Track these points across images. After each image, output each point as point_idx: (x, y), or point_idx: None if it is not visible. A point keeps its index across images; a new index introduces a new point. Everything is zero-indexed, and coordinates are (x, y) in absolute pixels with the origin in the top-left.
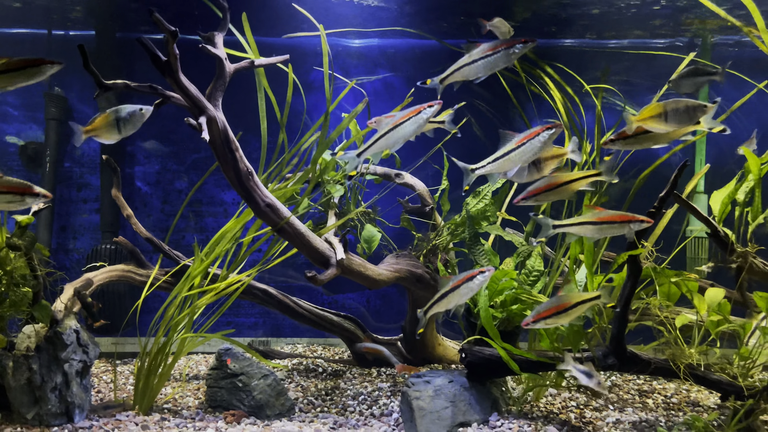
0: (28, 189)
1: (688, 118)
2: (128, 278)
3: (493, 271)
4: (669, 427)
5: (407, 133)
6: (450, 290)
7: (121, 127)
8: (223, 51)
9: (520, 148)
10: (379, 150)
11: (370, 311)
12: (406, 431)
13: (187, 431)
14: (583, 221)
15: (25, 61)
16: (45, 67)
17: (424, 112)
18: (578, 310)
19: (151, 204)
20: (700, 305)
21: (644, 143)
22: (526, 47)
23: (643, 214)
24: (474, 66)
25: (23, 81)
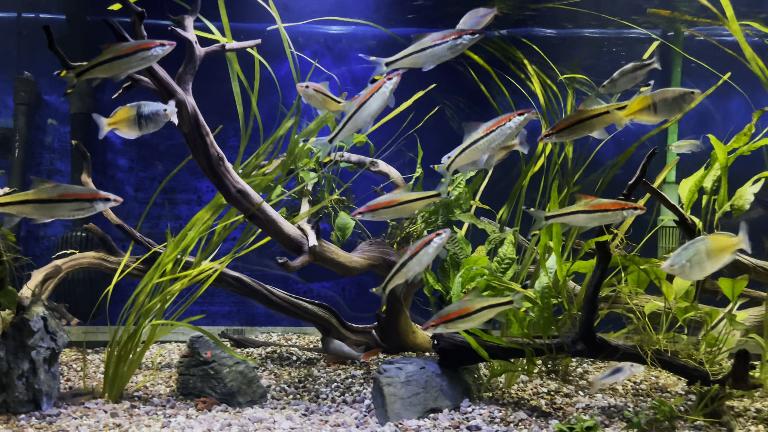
0: (96, 195)
1: (677, 107)
2: (99, 265)
3: (449, 233)
4: (636, 412)
5: (374, 111)
6: (409, 258)
7: (143, 124)
8: (194, 35)
9: (488, 136)
10: (349, 132)
11: (345, 300)
12: (377, 417)
13: (157, 418)
14: (576, 210)
15: (138, 45)
16: (156, 49)
17: (386, 86)
18: (484, 314)
19: (124, 191)
20: (668, 292)
21: (578, 133)
22: (474, 39)
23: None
24: (422, 54)
25: (136, 66)
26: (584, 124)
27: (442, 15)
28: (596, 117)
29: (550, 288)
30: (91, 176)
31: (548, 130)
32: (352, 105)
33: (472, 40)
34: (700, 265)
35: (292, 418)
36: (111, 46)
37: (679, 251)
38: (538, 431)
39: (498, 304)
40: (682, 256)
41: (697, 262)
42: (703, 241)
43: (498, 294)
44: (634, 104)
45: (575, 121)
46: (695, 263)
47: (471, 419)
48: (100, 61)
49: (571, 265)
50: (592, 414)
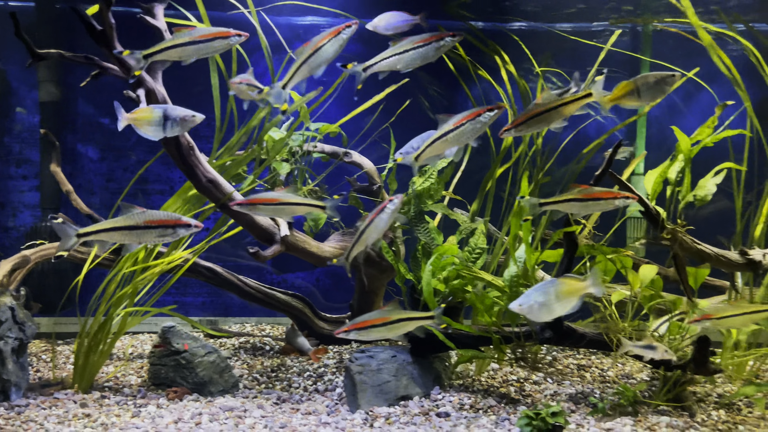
0: (178, 221)
1: (660, 91)
2: (68, 256)
3: (402, 198)
4: (601, 398)
5: (329, 56)
6: (366, 226)
7: (168, 126)
8: (164, 23)
9: (457, 129)
10: (303, 77)
11: (319, 290)
12: (348, 405)
13: (128, 408)
14: (570, 198)
15: (218, 32)
16: (233, 38)
17: (343, 33)
18: (400, 326)
19: (96, 181)
20: (634, 281)
21: (538, 125)
22: (454, 40)
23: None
24: (401, 57)
25: (208, 53)
26: (542, 117)
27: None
28: (553, 110)
29: (519, 277)
30: (60, 165)
31: (508, 125)
32: (306, 49)
33: (452, 41)
34: (548, 308)
35: (263, 406)
36: (183, 29)
37: (530, 292)
38: (506, 417)
39: (417, 318)
40: (531, 297)
41: (545, 304)
42: (553, 284)
43: (468, 283)
44: (618, 90)
45: (533, 115)
46: (543, 305)
47: (441, 406)
48: (174, 44)
49: (540, 255)
50: (560, 400)
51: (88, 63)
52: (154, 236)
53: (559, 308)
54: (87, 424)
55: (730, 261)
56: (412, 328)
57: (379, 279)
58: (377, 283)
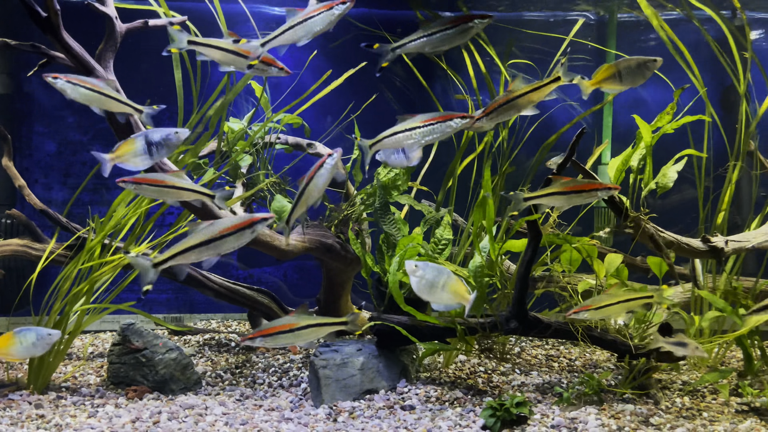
0: (252, 220)
1: (641, 75)
2: (23, 253)
3: (341, 152)
4: (567, 387)
5: (316, 28)
6: (306, 184)
7: (154, 152)
8: (113, 9)
9: (425, 128)
10: (285, 42)
11: (287, 284)
12: (312, 400)
13: (84, 408)
14: (553, 192)
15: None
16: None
17: (336, 8)
18: (310, 332)
19: (53, 176)
20: (600, 270)
21: (508, 112)
22: (483, 23)
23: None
24: (429, 39)
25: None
26: (512, 104)
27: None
28: (522, 96)
29: (483, 267)
30: (12, 160)
31: (478, 113)
32: (296, 16)
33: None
34: (431, 288)
35: (225, 403)
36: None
37: (433, 265)
38: (471, 409)
39: (327, 324)
40: (428, 269)
41: (432, 283)
42: (448, 275)
43: None
44: (599, 73)
45: (503, 102)
46: (430, 283)
47: (407, 399)
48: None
49: (503, 244)
50: (527, 391)
51: (34, 51)
52: (234, 243)
53: (438, 296)
54: (40, 425)
55: (693, 248)
56: (323, 334)
57: (344, 272)
58: (343, 276)
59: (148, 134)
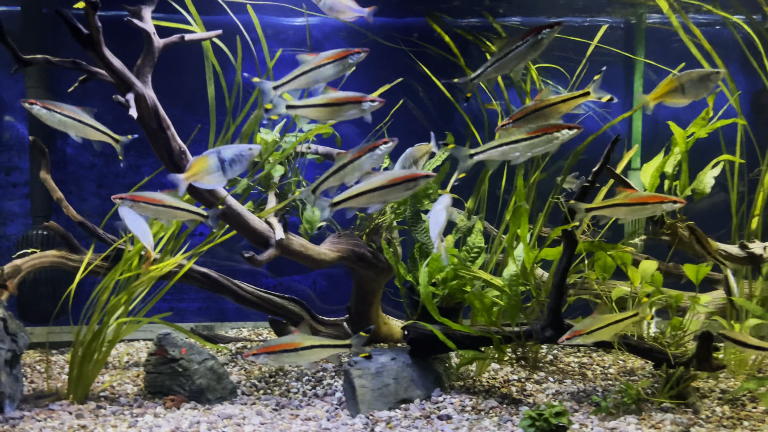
0: (416, 175)
1: (704, 87)
2: (60, 264)
3: (396, 141)
4: (604, 395)
5: (328, 75)
6: (349, 161)
7: (227, 169)
8: (151, 25)
9: (531, 140)
10: (297, 87)
11: (316, 293)
12: (348, 409)
13: (124, 418)
14: (616, 203)
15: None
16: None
17: (350, 58)
18: (313, 353)
19: (86, 188)
20: (634, 277)
21: (536, 121)
22: (553, 31)
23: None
24: (504, 61)
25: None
26: (539, 114)
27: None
28: (550, 106)
29: (518, 276)
30: (50, 173)
31: (506, 119)
32: (310, 60)
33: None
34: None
35: (262, 413)
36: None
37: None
38: (508, 418)
39: (331, 345)
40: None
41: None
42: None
43: (467, 283)
44: (661, 87)
45: (531, 111)
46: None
47: (442, 408)
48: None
49: (539, 253)
50: (562, 399)
51: (75, 68)
52: (398, 193)
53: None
54: None
55: (730, 255)
56: (326, 355)
57: (375, 281)
58: (374, 285)
59: (221, 151)
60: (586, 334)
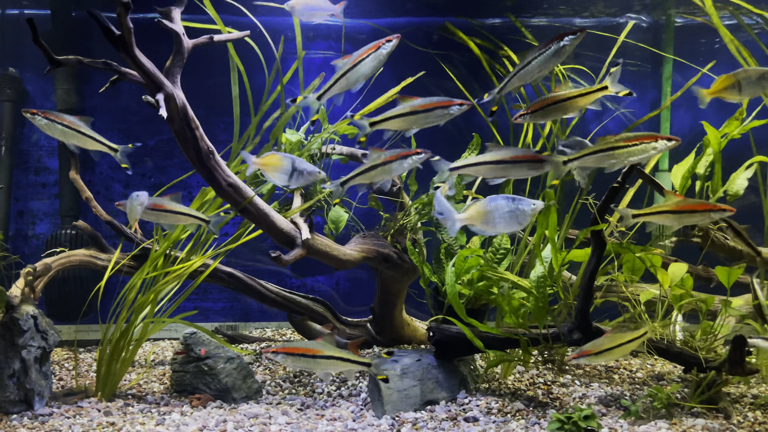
0: (537, 156)
1: (760, 86)
2: (89, 263)
3: (429, 154)
4: (633, 399)
5: (367, 71)
6: (381, 164)
7: (294, 177)
8: (181, 26)
9: (630, 148)
10: (340, 90)
11: (339, 294)
12: (374, 410)
13: (152, 416)
14: (664, 210)
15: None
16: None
17: (384, 48)
18: (330, 364)
19: (113, 188)
20: (664, 279)
21: (553, 114)
22: (576, 38)
23: (605, 190)
24: (527, 70)
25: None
26: (557, 106)
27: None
28: (568, 100)
29: (545, 277)
30: (79, 173)
31: (523, 110)
32: (346, 62)
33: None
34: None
35: (288, 413)
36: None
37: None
38: (535, 421)
39: (350, 360)
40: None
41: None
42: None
43: (494, 284)
44: (718, 83)
45: (549, 103)
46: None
47: (468, 410)
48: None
49: (567, 255)
50: (589, 403)
51: (107, 69)
52: (523, 170)
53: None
54: None
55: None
56: (343, 369)
57: (400, 282)
58: (398, 286)
59: (296, 161)
60: (595, 355)
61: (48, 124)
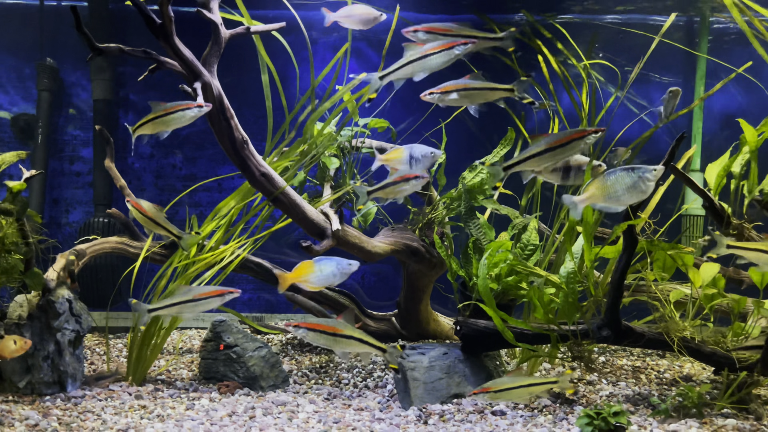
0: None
1: None
2: (121, 250)
3: (425, 180)
4: (662, 399)
5: (434, 65)
6: (390, 183)
7: (414, 163)
8: (219, 16)
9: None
10: (403, 76)
11: (364, 288)
12: (400, 402)
13: (181, 401)
14: (762, 249)
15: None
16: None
17: (457, 48)
18: (349, 343)
19: (145, 178)
20: (695, 278)
21: (460, 100)
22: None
23: None
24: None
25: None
26: (465, 93)
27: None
28: (476, 90)
29: (576, 273)
30: (114, 162)
31: (433, 89)
32: (416, 50)
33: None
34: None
35: (315, 402)
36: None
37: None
38: (563, 417)
39: (367, 343)
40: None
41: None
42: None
43: (523, 279)
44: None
45: (458, 89)
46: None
47: (495, 404)
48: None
49: (599, 250)
50: (617, 401)
51: (146, 57)
52: (574, 148)
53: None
54: (143, 415)
55: None
56: (360, 351)
57: (427, 276)
58: (425, 280)
59: (413, 148)
60: (494, 392)
61: None
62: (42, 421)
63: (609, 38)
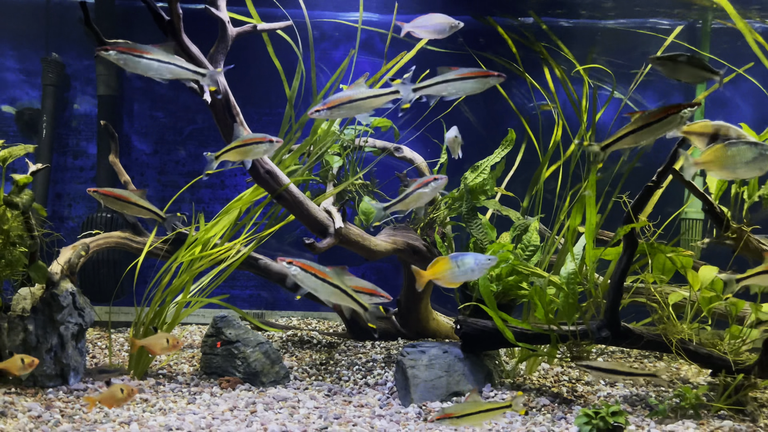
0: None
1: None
2: (124, 245)
3: (446, 180)
4: (660, 400)
5: (466, 89)
6: (409, 193)
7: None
8: (226, 14)
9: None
10: (435, 93)
11: None
12: (400, 399)
13: (183, 395)
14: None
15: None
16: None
17: (491, 78)
18: (332, 292)
19: (148, 174)
20: (694, 281)
21: (347, 111)
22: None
23: (637, 193)
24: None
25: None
26: (351, 105)
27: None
28: (361, 100)
29: (576, 274)
30: (118, 157)
31: (319, 105)
32: (451, 72)
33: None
34: None
35: (315, 398)
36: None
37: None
38: (562, 416)
39: (351, 297)
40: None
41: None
42: None
43: (524, 279)
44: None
45: (344, 102)
46: None
47: None
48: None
49: (601, 252)
50: (615, 402)
51: None
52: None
53: None
54: (146, 408)
55: None
56: (342, 303)
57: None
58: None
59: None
60: (456, 418)
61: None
62: (45, 412)
63: (611, 42)
